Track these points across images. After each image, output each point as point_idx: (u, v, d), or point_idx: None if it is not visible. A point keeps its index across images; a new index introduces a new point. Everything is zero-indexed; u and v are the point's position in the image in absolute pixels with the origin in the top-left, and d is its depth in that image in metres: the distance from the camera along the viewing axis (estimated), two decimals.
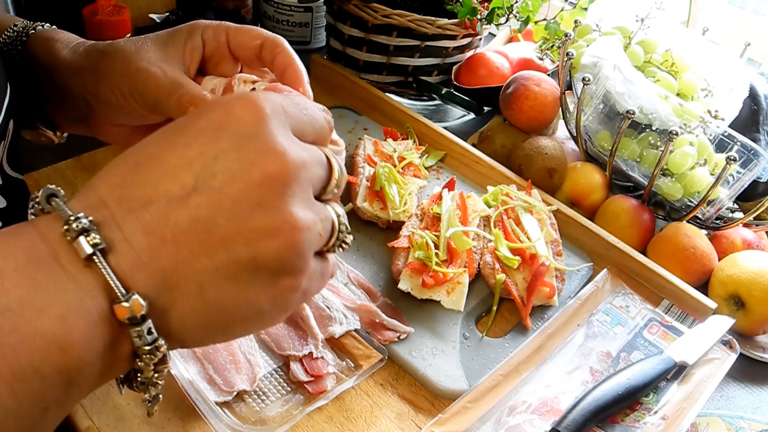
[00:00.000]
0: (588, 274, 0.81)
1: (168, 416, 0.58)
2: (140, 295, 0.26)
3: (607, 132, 0.90)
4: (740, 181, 0.82)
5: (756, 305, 0.76)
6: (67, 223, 0.26)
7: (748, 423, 0.66)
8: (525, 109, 0.94)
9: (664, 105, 0.83)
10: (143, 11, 1.03)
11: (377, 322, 0.68)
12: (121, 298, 0.26)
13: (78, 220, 0.26)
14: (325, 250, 0.33)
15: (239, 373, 0.60)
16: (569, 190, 0.90)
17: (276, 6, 1.18)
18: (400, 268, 0.72)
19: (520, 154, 0.90)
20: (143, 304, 0.26)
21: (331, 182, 0.32)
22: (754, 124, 0.92)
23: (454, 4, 1.03)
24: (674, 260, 0.80)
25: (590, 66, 0.88)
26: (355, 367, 0.65)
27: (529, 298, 0.73)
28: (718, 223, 0.87)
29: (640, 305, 0.75)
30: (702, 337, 0.70)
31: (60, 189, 0.28)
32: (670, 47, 0.93)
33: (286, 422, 0.58)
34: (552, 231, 0.80)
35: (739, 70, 0.94)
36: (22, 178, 0.49)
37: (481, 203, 0.82)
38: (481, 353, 0.69)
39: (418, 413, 0.63)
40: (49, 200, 0.28)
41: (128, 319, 0.26)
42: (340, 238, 0.33)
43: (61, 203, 0.27)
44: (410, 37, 1.02)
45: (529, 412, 0.62)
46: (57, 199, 0.28)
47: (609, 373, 0.66)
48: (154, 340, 0.27)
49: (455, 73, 1.10)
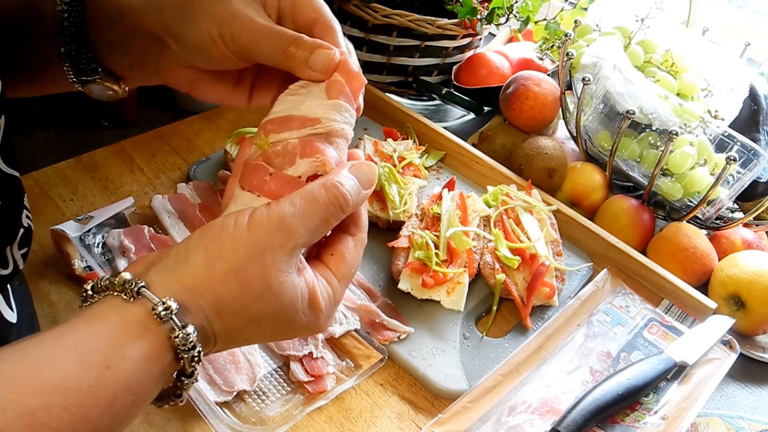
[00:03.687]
0: (588, 274, 0.81)
1: (168, 416, 0.58)
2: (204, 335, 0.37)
3: (607, 132, 0.90)
4: (740, 181, 0.82)
5: (756, 305, 0.76)
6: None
7: (748, 423, 0.65)
8: (525, 109, 0.94)
9: (664, 105, 0.83)
10: None
11: (377, 322, 0.68)
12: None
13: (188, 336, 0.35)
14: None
15: (239, 373, 0.60)
16: (569, 190, 0.90)
17: None
18: (400, 268, 0.72)
19: (520, 154, 0.90)
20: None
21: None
22: (754, 124, 0.91)
23: (454, 4, 1.03)
24: (674, 260, 0.80)
25: (590, 66, 0.88)
26: (355, 367, 0.65)
27: (529, 298, 0.73)
28: (718, 223, 0.87)
29: (640, 305, 0.75)
30: (702, 337, 0.70)
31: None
32: (670, 47, 0.93)
33: (286, 422, 0.58)
34: (552, 231, 0.80)
35: (739, 70, 0.94)
36: (17, 174, 0.48)
37: (481, 203, 0.82)
38: (481, 353, 0.69)
39: (418, 413, 0.63)
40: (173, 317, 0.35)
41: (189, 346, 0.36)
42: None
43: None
44: (410, 37, 1.02)
45: (529, 412, 0.62)
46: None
47: (609, 373, 0.66)
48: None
49: (455, 73, 1.10)
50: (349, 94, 0.41)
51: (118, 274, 0.35)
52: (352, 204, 0.39)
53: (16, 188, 0.48)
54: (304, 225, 0.37)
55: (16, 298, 0.52)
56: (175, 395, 0.37)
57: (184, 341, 0.34)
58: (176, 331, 0.34)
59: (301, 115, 0.40)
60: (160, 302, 0.34)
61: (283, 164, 0.39)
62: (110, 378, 0.32)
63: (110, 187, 0.83)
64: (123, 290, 0.34)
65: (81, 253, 0.69)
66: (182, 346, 0.34)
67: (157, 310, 0.34)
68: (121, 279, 0.35)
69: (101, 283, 0.36)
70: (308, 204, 0.37)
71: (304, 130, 0.39)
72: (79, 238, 0.70)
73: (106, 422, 0.32)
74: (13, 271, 0.48)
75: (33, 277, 0.68)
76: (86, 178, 0.84)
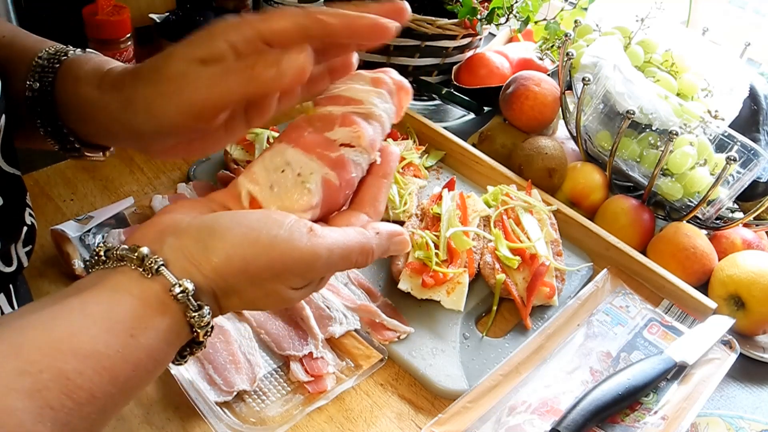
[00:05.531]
0: (588, 274, 0.81)
1: (168, 416, 0.58)
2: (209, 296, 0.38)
3: (607, 132, 0.90)
4: (740, 181, 0.82)
5: (756, 305, 0.76)
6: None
7: (748, 423, 0.65)
8: (525, 109, 0.94)
9: (664, 105, 0.83)
10: (143, 11, 1.03)
11: (377, 322, 0.68)
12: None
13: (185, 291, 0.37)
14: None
15: (239, 373, 0.60)
16: (569, 190, 0.90)
17: (276, 6, 1.18)
18: (400, 268, 0.72)
19: (520, 154, 0.90)
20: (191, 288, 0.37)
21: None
22: (754, 124, 0.91)
23: (454, 4, 1.03)
24: (674, 260, 0.80)
25: (590, 66, 0.88)
26: (355, 367, 0.65)
27: (529, 298, 0.73)
28: (718, 223, 0.87)
29: (640, 305, 0.75)
30: (702, 337, 0.70)
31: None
32: (670, 47, 0.93)
33: (286, 422, 0.58)
34: (552, 231, 0.80)
35: (739, 70, 0.94)
36: (18, 173, 0.48)
37: (481, 203, 0.82)
38: (481, 353, 0.69)
39: (418, 413, 0.63)
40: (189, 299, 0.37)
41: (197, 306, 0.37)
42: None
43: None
44: (410, 37, 1.02)
45: (529, 412, 0.62)
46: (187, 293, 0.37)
47: (609, 373, 0.66)
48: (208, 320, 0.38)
49: (455, 73, 1.10)
50: (392, 89, 0.45)
51: (136, 248, 0.36)
52: (371, 262, 0.42)
53: (18, 187, 0.48)
54: (328, 270, 0.40)
55: (18, 297, 0.52)
56: (180, 356, 0.39)
57: (199, 320, 0.37)
58: (192, 311, 0.36)
59: (347, 96, 0.44)
60: (178, 284, 0.36)
61: (322, 128, 0.42)
62: (135, 345, 0.34)
63: (110, 187, 0.83)
64: (141, 265, 0.36)
65: (81, 253, 0.69)
66: (197, 323, 0.37)
67: (175, 292, 0.35)
68: (141, 254, 0.36)
69: (117, 252, 0.37)
70: (341, 259, 0.39)
71: (347, 107, 0.43)
72: (79, 238, 0.70)
73: (132, 384, 0.35)
74: (17, 269, 0.48)
75: (33, 277, 0.68)
76: (86, 178, 0.84)
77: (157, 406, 0.59)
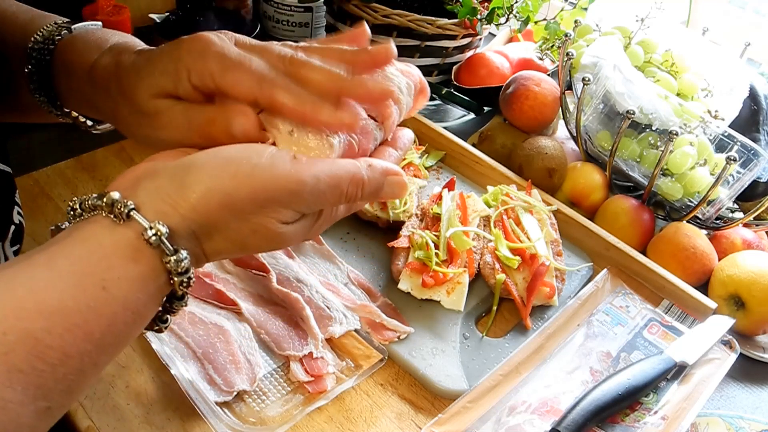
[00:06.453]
0: (588, 274, 0.81)
1: (168, 416, 0.58)
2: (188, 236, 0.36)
3: (607, 132, 0.90)
4: (740, 181, 0.82)
5: (756, 305, 0.76)
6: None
7: (748, 423, 0.66)
8: (525, 109, 0.94)
9: (664, 105, 0.83)
10: (143, 11, 1.03)
11: (377, 322, 0.68)
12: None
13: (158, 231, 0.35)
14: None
15: (239, 373, 0.60)
16: (569, 190, 0.90)
17: (276, 6, 1.18)
18: (400, 268, 0.72)
19: (520, 154, 0.90)
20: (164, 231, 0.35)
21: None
22: (754, 124, 0.91)
23: (454, 4, 1.03)
24: (674, 260, 0.80)
25: (590, 66, 0.88)
26: (355, 367, 0.65)
27: (529, 298, 0.73)
28: (718, 223, 0.87)
29: (640, 305, 0.75)
30: (702, 337, 0.70)
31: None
32: (670, 47, 0.93)
33: (286, 422, 0.58)
34: (552, 231, 0.80)
35: (739, 70, 0.94)
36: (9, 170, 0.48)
37: (481, 203, 0.82)
38: (481, 353, 0.69)
39: (418, 413, 0.63)
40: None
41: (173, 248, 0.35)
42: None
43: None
44: (410, 37, 1.02)
45: (529, 412, 0.62)
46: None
47: (609, 373, 0.66)
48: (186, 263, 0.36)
49: (455, 73, 1.10)
50: (418, 85, 0.46)
51: (107, 194, 0.34)
52: (366, 197, 0.39)
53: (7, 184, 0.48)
54: (318, 200, 0.37)
55: None
56: (161, 320, 0.37)
57: (176, 265, 0.34)
58: (168, 256, 0.34)
59: (382, 74, 0.43)
60: (150, 226, 0.33)
61: None
62: (108, 298, 0.32)
63: None
64: (111, 211, 0.34)
65: None
66: (174, 269, 0.34)
67: (147, 235, 0.33)
68: (110, 199, 0.34)
69: (89, 201, 0.35)
70: (330, 187, 0.37)
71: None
72: None
73: (110, 340, 0.33)
74: None
75: None
76: (86, 178, 0.84)
77: (157, 406, 0.59)
